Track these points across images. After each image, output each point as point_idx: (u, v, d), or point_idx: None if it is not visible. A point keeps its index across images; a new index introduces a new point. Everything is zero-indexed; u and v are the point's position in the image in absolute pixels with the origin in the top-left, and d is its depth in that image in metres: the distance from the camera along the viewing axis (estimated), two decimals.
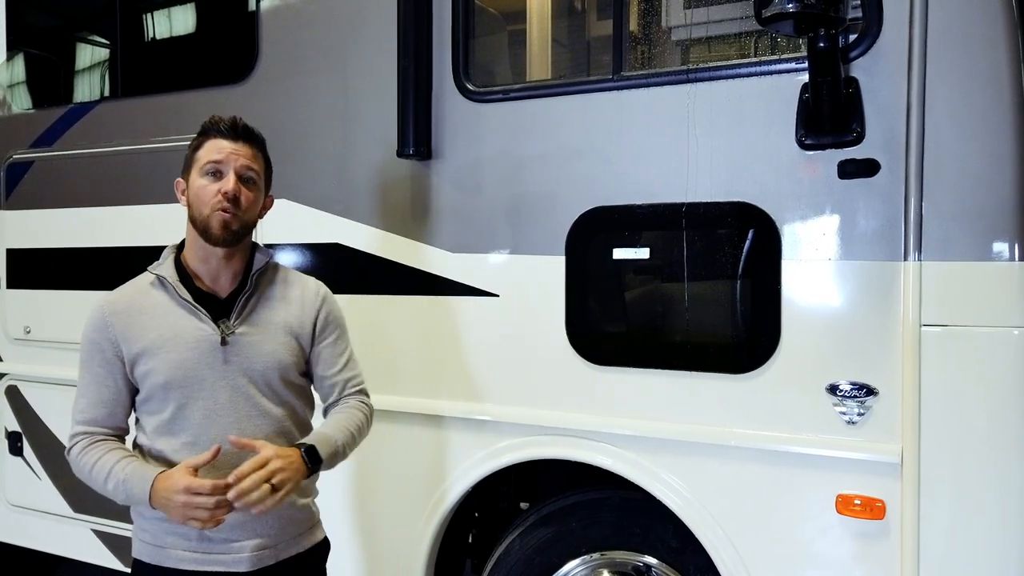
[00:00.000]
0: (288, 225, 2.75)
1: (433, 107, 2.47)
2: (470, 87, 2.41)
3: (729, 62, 2.11)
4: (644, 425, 2.19)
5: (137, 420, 1.84)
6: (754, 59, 2.08)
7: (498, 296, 2.40)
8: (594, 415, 2.26)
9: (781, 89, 2.03)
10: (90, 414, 1.78)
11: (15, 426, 3.39)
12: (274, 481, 1.63)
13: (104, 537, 3.21)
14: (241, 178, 1.80)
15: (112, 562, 3.20)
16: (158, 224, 2.99)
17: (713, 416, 2.11)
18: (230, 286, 1.85)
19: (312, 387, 1.99)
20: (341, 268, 2.65)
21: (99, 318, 1.78)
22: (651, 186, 2.18)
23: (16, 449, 3.40)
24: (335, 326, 1.98)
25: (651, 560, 2.34)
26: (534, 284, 2.34)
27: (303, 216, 2.72)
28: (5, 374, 3.41)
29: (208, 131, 1.83)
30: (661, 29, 2.24)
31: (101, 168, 3.13)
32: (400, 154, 2.45)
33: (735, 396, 2.08)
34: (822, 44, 1.76)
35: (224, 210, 1.75)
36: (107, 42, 3.11)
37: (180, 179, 1.86)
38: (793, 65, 2.01)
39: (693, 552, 2.24)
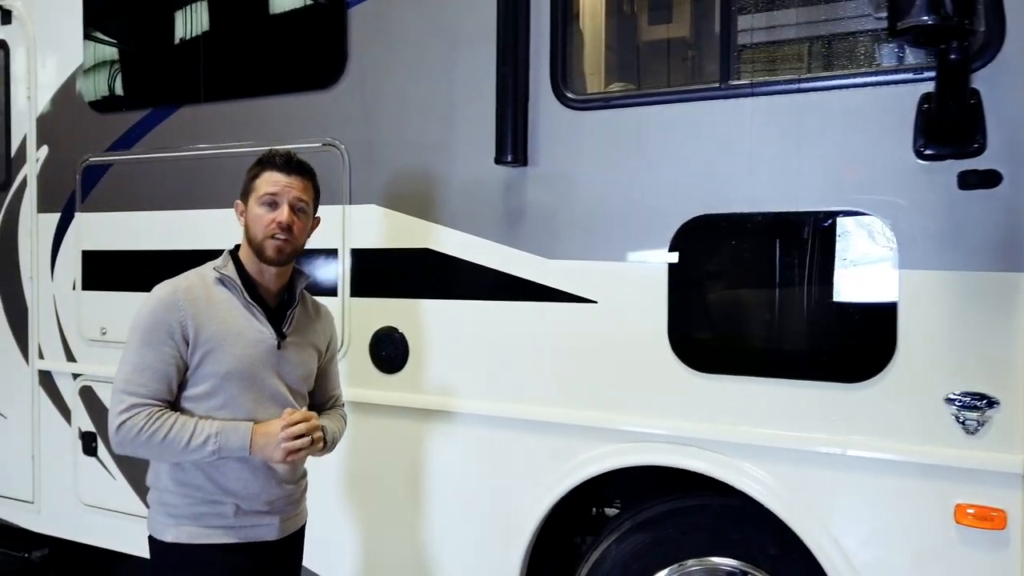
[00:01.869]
0: (376, 230, 2.77)
1: (530, 114, 2.48)
2: (569, 95, 2.43)
3: (842, 71, 2.12)
4: (753, 433, 2.19)
5: (175, 401, 1.96)
6: (869, 68, 2.09)
7: (596, 303, 2.41)
8: (698, 422, 2.27)
9: (897, 99, 2.04)
10: (152, 388, 1.90)
11: (89, 427, 3.43)
12: (315, 435, 1.96)
13: None
14: (293, 208, 2.02)
15: None
16: (236, 229, 3.02)
17: (824, 425, 2.11)
18: (276, 298, 2.08)
19: None
20: (431, 273, 2.67)
21: (172, 302, 1.92)
22: (759, 195, 2.18)
23: (90, 449, 3.43)
24: (335, 348, 2.31)
25: (749, 567, 2.34)
26: (635, 291, 2.35)
27: (392, 221, 2.74)
28: (80, 375, 3.44)
29: (265, 163, 2.03)
30: (769, 37, 2.24)
31: (180, 172, 3.16)
32: (498, 161, 2.46)
33: (848, 405, 2.08)
34: (954, 56, 1.77)
35: (276, 237, 1.98)
36: (190, 47, 3.12)
37: (239, 201, 2.07)
38: (911, 75, 2.02)
39: (793, 560, 2.24)
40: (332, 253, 2.86)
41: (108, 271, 3.35)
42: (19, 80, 3.57)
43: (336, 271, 2.85)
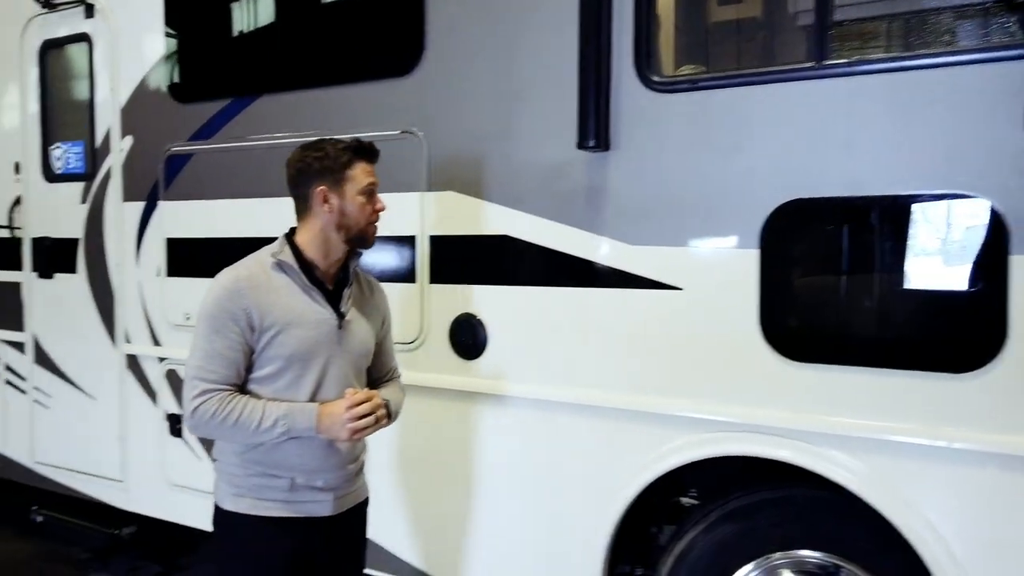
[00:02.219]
0: (454, 217, 2.77)
1: (612, 98, 2.44)
2: (654, 78, 2.37)
3: (946, 49, 2.02)
4: (850, 424, 2.13)
5: (243, 384, 2.04)
6: (977, 44, 1.99)
7: (681, 289, 2.36)
8: (792, 412, 2.21)
9: (1008, 76, 1.93)
10: (222, 373, 1.98)
11: (175, 409, 3.53)
12: (378, 413, 2.04)
13: None
14: None
15: None
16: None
17: (927, 416, 2.04)
18: (334, 278, 2.12)
19: None
20: (509, 259, 2.66)
21: (236, 290, 1.99)
22: (858, 178, 2.10)
23: (176, 431, 3.54)
24: (390, 322, 2.34)
25: (841, 561, 2.28)
26: (722, 278, 2.30)
27: (469, 208, 2.73)
28: (165, 358, 3.55)
29: (360, 153, 2.09)
30: (866, 13, 2.15)
31: (260, 161, 3.20)
32: (580, 146, 2.43)
33: (953, 396, 2.00)
34: None
35: (374, 224, 2.12)
36: (269, 35, 3.16)
37: (325, 188, 2.05)
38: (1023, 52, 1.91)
39: (889, 555, 2.18)
40: (410, 240, 2.87)
41: (191, 258, 3.44)
42: (103, 72, 3.67)
43: (414, 258, 2.86)
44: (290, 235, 2.13)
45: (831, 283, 2.17)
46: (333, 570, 2.17)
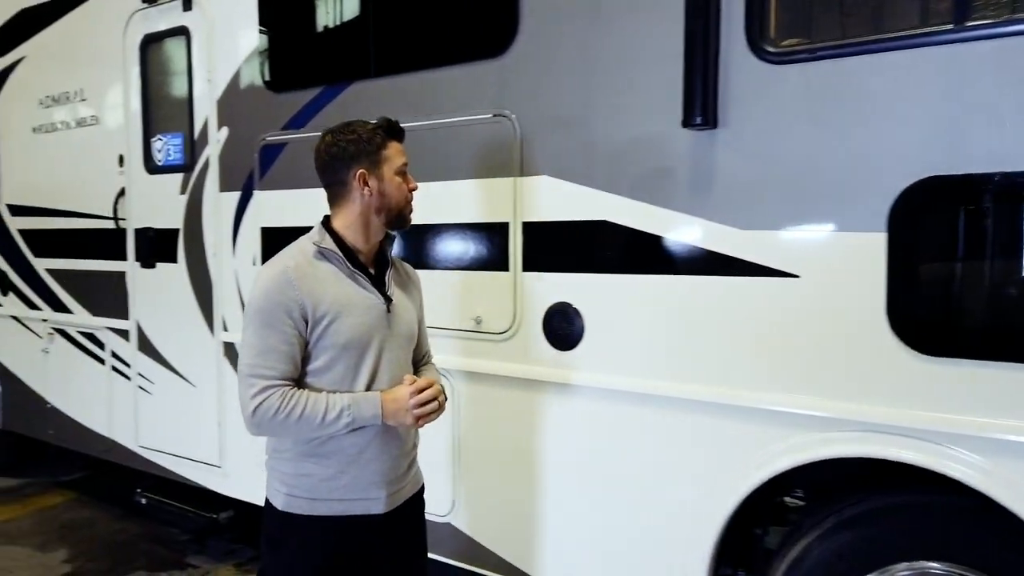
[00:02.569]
0: (549, 202, 2.66)
1: (721, 71, 2.28)
2: (768, 48, 2.20)
3: None
4: (993, 425, 1.92)
5: (299, 380, 1.97)
6: None
7: (798, 277, 2.19)
8: (923, 411, 2.01)
9: None
10: (280, 369, 1.91)
11: None
12: (440, 399, 2.05)
13: None
14: None
15: None
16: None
17: None
18: (374, 263, 2.10)
19: None
20: (609, 246, 2.53)
21: (285, 281, 1.92)
22: (1004, 151, 1.88)
23: None
24: (423, 304, 2.29)
25: (973, 573, 2.07)
26: (845, 264, 2.11)
27: (566, 192, 2.62)
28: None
29: (393, 133, 2.07)
30: None
31: None
32: (686, 124, 2.28)
33: None
34: None
35: (411, 203, 2.10)
36: (360, 21, 3.12)
37: (364, 171, 2.01)
38: None
39: None
40: (502, 227, 2.78)
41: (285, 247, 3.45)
42: (201, 64, 3.73)
43: (507, 245, 2.77)
44: (327, 222, 2.08)
45: (970, 270, 1.96)
46: (394, 565, 2.11)
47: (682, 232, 2.37)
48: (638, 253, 2.46)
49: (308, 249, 2.00)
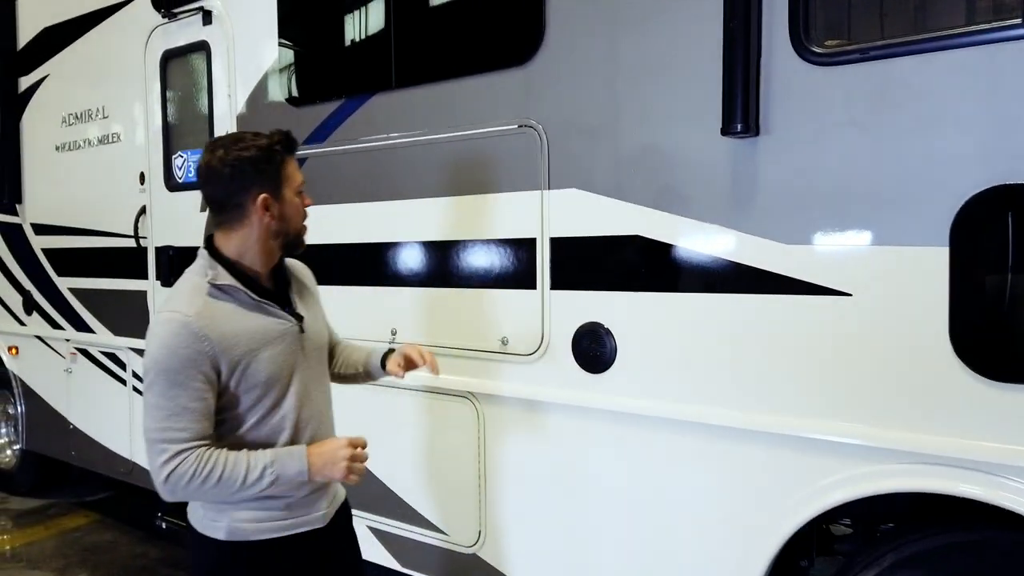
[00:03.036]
0: (577, 216, 2.52)
1: (763, 75, 2.13)
2: (815, 49, 2.04)
3: None
4: None
5: (219, 424, 1.82)
6: None
7: (850, 295, 2.02)
8: (992, 442, 1.83)
9: None
10: (193, 430, 1.73)
11: None
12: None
13: (379, 534, 3.18)
14: None
15: (387, 559, 3.17)
16: (432, 218, 2.89)
17: None
18: (273, 280, 1.96)
19: None
20: (642, 263, 2.39)
21: (189, 334, 1.73)
22: None
23: None
24: (319, 297, 2.18)
25: None
26: (902, 281, 1.94)
27: (595, 206, 2.48)
28: None
29: (290, 148, 1.91)
30: None
31: (374, 162, 3.07)
32: (726, 131, 2.13)
33: None
34: None
35: (306, 224, 1.98)
36: (381, 32, 3.02)
37: (267, 195, 1.83)
38: None
39: None
40: (528, 243, 2.64)
41: (308, 264, 3.34)
42: (220, 79, 3.66)
43: (534, 262, 2.63)
44: (212, 250, 1.88)
45: None
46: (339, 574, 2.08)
47: (721, 247, 2.22)
48: (673, 270, 2.31)
49: (202, 287, 1.80)
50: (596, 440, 2.54)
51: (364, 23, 3.14)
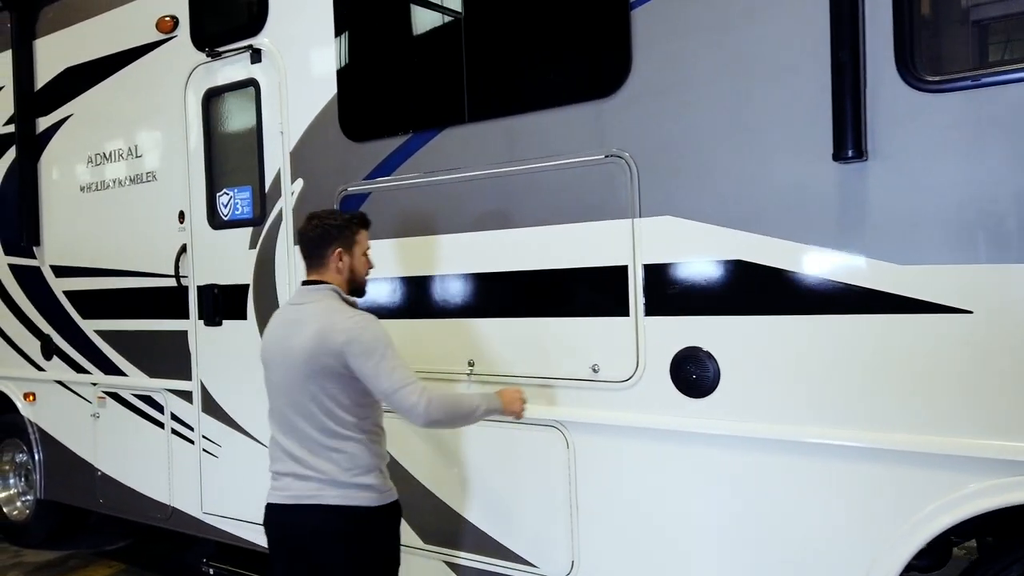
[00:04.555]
0: (673, 244, 2.57)
1: (869, 100, 2.20)
2: (925, 76, 2.13)
3: None
4: None
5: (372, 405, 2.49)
6: None
7: (971, 313, 2.09)
8: None
9: None
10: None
11: None
12: None
13: (458, 569, 3.14)
14: None
15: None
16: (508, 249, 2.91)
17: None
18: None
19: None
20: (745, 286, 2.43)
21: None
22: None
23: None
24: None
25: None
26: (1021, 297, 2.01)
27: (692, 233, 2.53)
28: None
29: (365, 224, 2.65)
30: None
31: (444, 197, 3.08)
32: (838, 157, 2.20)
33: None
34: None
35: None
36: (452, 64, 3.05)
37: (342, 251, 2.55)
38: None
39: None
40: (619, 271, 2.67)
41: (372, 299, 3.32)
42: (271, 116, 3.64)
43: (626, 289, 2.66)
44: (325, 286, 2.53)
45: None
46: None
47: (830, 269, 2.28)
48: (780, 292, 2.36)
49: (345, 303, 2.53)
50: (698, 465, 2.55)
51: (432, 57, 3.17)
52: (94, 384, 4.57)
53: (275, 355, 2.49)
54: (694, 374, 2.53)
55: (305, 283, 2.57)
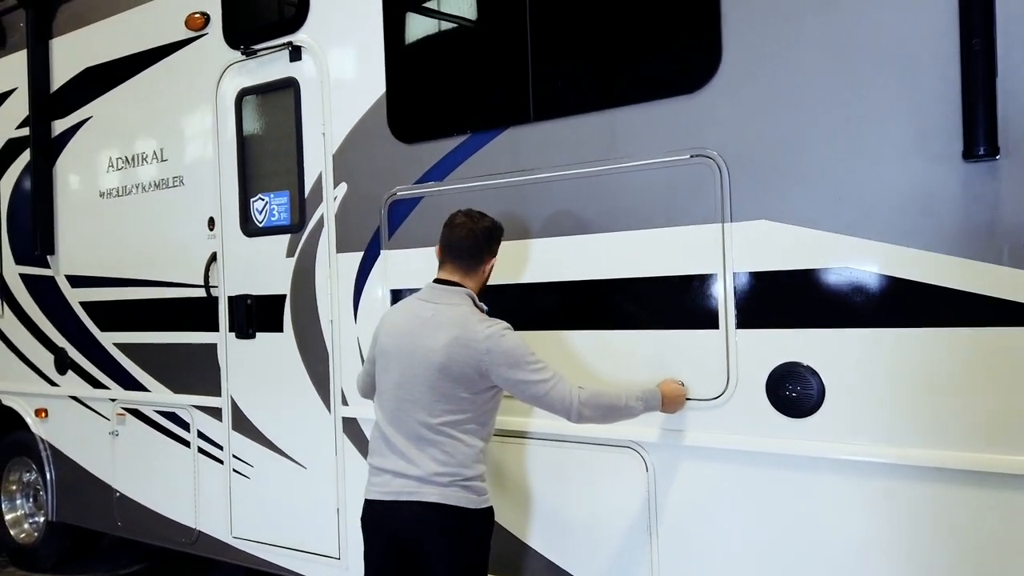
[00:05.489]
0: (770, 250, 2.38)
1: (999, 92, 2.02)
2: None
3: None
4: None
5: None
6: None
7: None
8: None
9: None
10: None
11: None
12: None
13: None
14: None
15: None
16: (579, 256, 2.71)
17: None
18: None
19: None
20: (855, 297, 2.24)
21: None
22: None
23: None
24: None
25: None
26: None
27: (792, 238, 2.34)
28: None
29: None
30: None
31: (507, 201, 2.87)
32: (968, 156, 2.02)
33: None
34: None
35: None
36: (516, 59, 2.85)
37: (494, 259, 2.56)
38: None
39: None
40: (706, 279, 2.48)
41: None
42: (312, 117, 3.44)
43: (714, 299, 2.47)
44: (464, 291, 2.48)
45: None
46: None
47: (958, 278, 2.09)
48: (900, 304, 2.17)
49: (480, 311, 2.48)
50: (801, 491, 2.35)
51: (493, 51, 2.97)
52: (113, 400, 4.33)
53: (400, 349, 2.44)
54: (794, 392, 2.34)
55: (439, 281, 2.50)
